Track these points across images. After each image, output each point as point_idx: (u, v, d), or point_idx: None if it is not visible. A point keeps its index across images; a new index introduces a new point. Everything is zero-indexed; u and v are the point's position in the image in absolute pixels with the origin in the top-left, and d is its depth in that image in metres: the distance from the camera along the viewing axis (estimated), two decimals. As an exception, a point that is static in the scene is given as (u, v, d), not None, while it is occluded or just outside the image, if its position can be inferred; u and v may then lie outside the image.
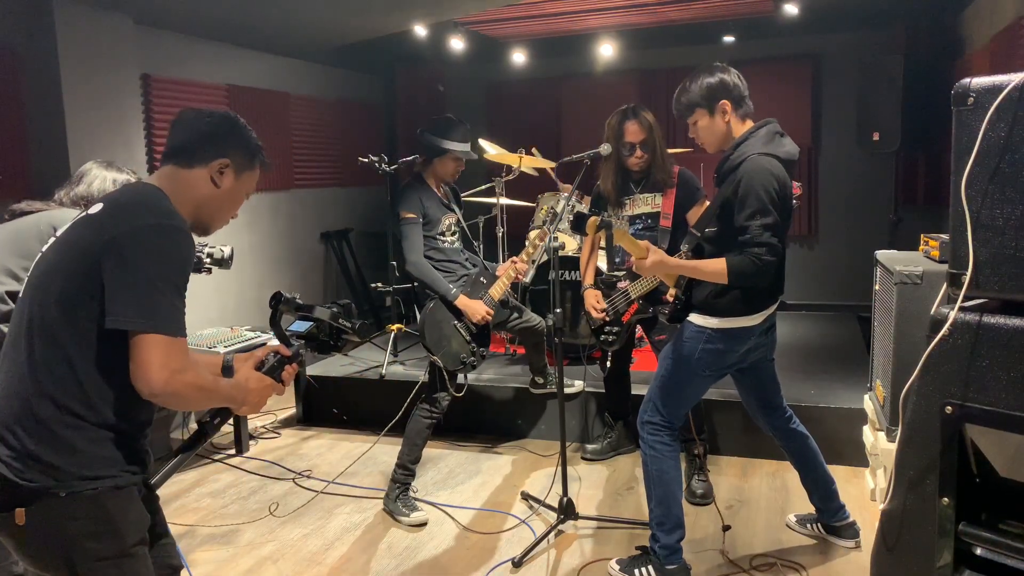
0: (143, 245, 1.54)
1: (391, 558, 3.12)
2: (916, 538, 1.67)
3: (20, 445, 1.55)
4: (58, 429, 1.56)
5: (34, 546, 1.59)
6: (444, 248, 3.54)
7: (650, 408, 2.77)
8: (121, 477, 1.63)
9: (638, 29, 6.08)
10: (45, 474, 1.54)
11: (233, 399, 1.68)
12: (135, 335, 1.51)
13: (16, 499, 1.54)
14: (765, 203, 2.45)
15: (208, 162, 1.74)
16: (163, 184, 1.71)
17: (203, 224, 1.80)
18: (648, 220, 3.49)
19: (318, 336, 1.87)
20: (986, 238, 1.53)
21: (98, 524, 1.59)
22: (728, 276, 2.49)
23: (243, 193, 1.83)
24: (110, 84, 3.99)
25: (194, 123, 1.78)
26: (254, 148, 1.82)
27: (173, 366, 1.50)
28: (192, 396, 1.56)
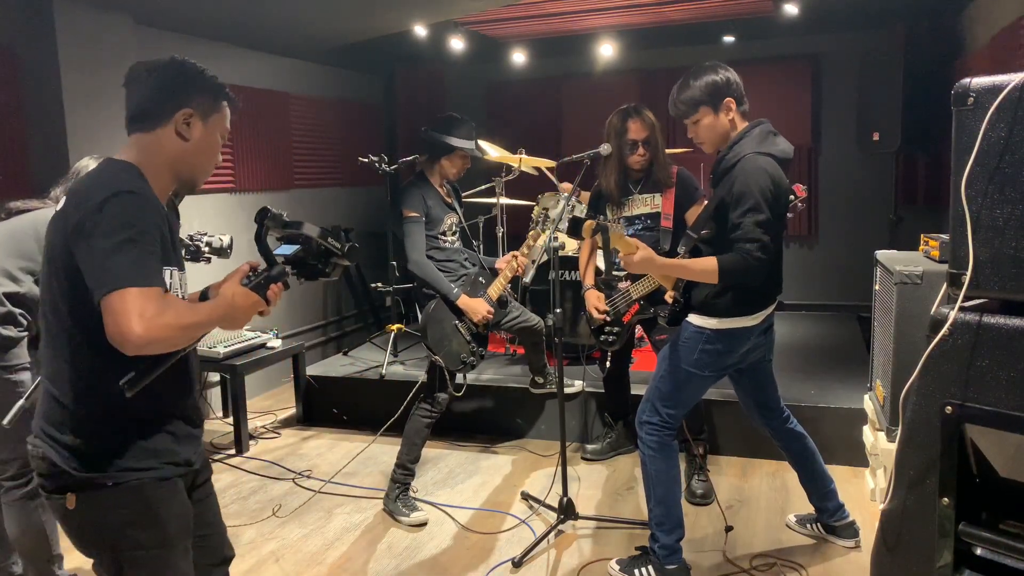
0: (96, 221, 1.48)
1: (391, 558, 3.12)
2: (916, 538, 1.67)
3: (69, 439, 1.59)
4: (99, 424, 1.59)
5: (81, 529, 1.64)
6: (445, 248, 3.54)
7: (649, 408, 2.77)
8: (164, 469, 1.65)
9: (638, 29, 6.07)
10: (92, 465, 1.58)
11: (220, 319, 1.58)
12: (102, 301, 1.45)
13: (67, 485, 1.59)
14: (759, 201, 2.44)
15: (169, 117, 1.65)
16: (131, 156, 1.65)
17: (187, 181, 1.72)
18: (648, 220, 3.50)
19: (306, 260, 1.75)
20: (986, 238, 1.53)
21: (140, 514, 1.61)
22: (719, 275, 2.48)
23: (217, 137, 1.73)
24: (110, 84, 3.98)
25: (142, 80, 1.68)
26: (214, 88, 1.72)
27: (147, 314, 1.43)
28: (176, 336, 1.48)
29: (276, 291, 1.66)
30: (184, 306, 1.54)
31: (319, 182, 6.06)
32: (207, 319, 1.55)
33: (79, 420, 1.59)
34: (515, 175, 5.05)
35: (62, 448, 1.59)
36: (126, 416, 1.60)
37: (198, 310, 1.55)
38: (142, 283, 1.45)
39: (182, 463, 1.70)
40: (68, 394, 1.60)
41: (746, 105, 2.65)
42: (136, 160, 1.64)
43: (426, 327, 3.41)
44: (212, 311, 1.57)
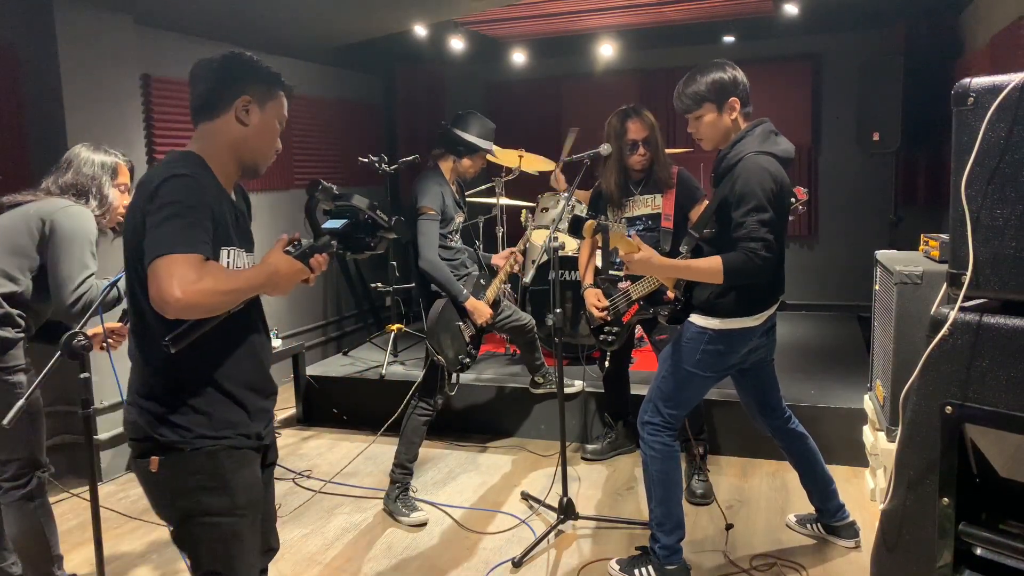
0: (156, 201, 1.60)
1: (391, 558, 3.12)
2: (916, 538, 1.67)
3: (152, 406, 1.72)
4: (178, 394, 1.72)
5: (160, 493, 1.76)
6: (451, 247, 3.52)
7: (650, 409, 2.77)
8: (237, 439, 1.76)
9: (638, 29, 6.07)
10: (174, 431, 1.71)
11: (261, 285, 1.65)
12: (149, 268, 1.54)
13: (152, 449, 1.72)
14: (762, 200, 2.43)
15: (229, 104, 1.76)
16: (195, 146, 1.76)
17: (249, 166, 1.82)
18: (649, 221, 3.49)
19: (353, 234, 1.81)
20: (986, 238, 1.52)
21: (212, 479, 1.72)
22: (724, 274, 2.46)
23: (275, 123, 1.83)
24: (110, 84, 3.99)
25: (203, 74, 1.78)
26: (269, 76, 1.82)
27: (187, 278, 1.50)
28: (214, 302, 1.55)
29: (320, 261, 1.73)
30: (224, 272, 1.61)
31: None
32: (247, 285, 1.62)
33: (160, 390, 1.72)
34: (515, 175, 5.05)
35: (148, 414, 1.72)
36: (202, 387, 1.73)
37: (238, 276, 1.62)
38: (183, 250, 1.54)
39: (253, 436, 1.81)
40: (148, 368, 1.74)
41: (750, 108, 2.64)
42: (199, 149, 1.75)
43: (436, 329, 3.37)
44: (253, 277, 1.64)
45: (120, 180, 2.71)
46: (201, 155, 1.73)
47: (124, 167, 2.73)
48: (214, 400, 1.74)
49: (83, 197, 2.62)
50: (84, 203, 2.61)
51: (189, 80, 1.81)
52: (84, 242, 2.52)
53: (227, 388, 1.76)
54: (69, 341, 2.18)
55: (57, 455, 3.72)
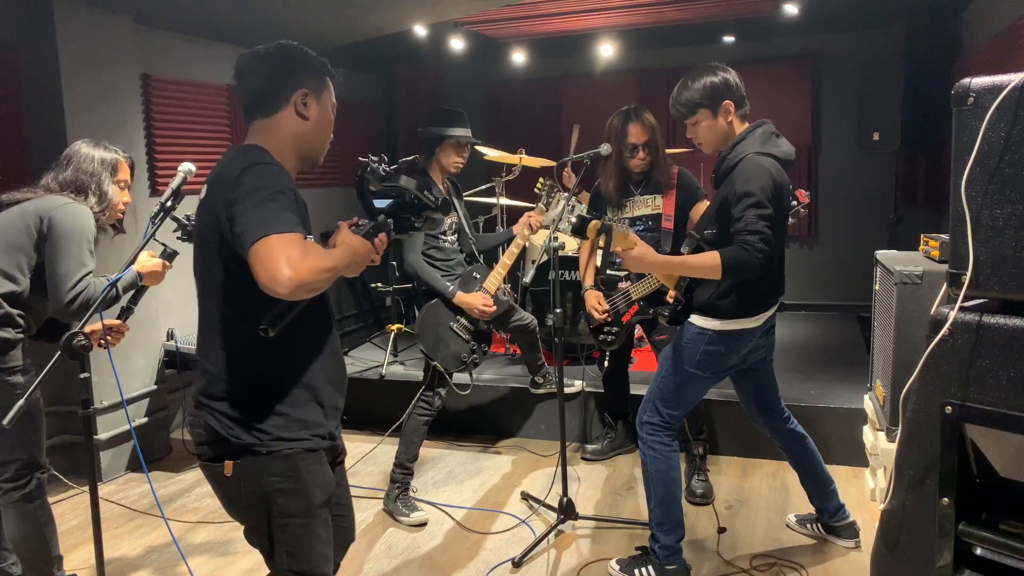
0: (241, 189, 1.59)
1: (391, 558, 3.12)
2: (916, 538, 1.67)
3: (227, 409, 1.71)
4: (254, 396, 1.71)
5: (236, 496, 1.75)
6: (445, 247, 3.53)
7: (649, 408, 2.77)
8: (313, 440, 1.76)
9: (638, 29, 6.07)
10: (250, 433, 1.70)
11: (347, 265, 1.66)
12: (250, 251, 1.52)
13: (226, 452, 1.71)
14: (760, 197, 2.42)
15: (288, 99, 1.75)
16: (258, 139, 1.75)
17: (310, 158, 1.83)
18: (649, 222, 3.49)
19: (399, 213, 1.82)
20: (986, 238, 1.52)
21: (290, 482, 1.72)
22: (722, 268, 2.43)
23: (330, 112, 1.84)
24: (110, 84, 3.99)
25: (257, 69, 1.77)
26: (319, 65, 1.81)
27: (294, 257, 1.49)
28: (319, 280, 1.54)
29: (383, 239, 1.75)
30: (322, 251, 1.62)
31: (319, 182, 6.05)
32: (339, 263, 1.62)
33: (236, 392, 1.71)
34: (515, 175, 5.05)
35: (222, 416, 1.70)
36: (283, 386, 1.73)
37: (331, 255, 1.62)
38: (284, 230, 1.52)
39: (327, 436, 1.81)
40: (224, 369, 1.71)
41: (746, 108, 2.64)
42: (263, 143, 1.74)
43: (421, 334, 3.42)
44: (341, 257, 1.64)
45: (120, 177, 2.71)
46: (268, 149, 1.73)
47: (124, 164, 2.73)
48: (295, 399, 1.74)
49: (82, 194, 2.61)
50: (83, 200, 2.60)
51: (236, 75, 1.78)
52: (82, 240, 2.51)
53: (309, 384, 1.76)
54: (69, 341, 2.18)
55: (57, 455, 3.74)
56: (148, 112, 4.36)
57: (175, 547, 3.12)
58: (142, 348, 4.21)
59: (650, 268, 2.69)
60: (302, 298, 1.55)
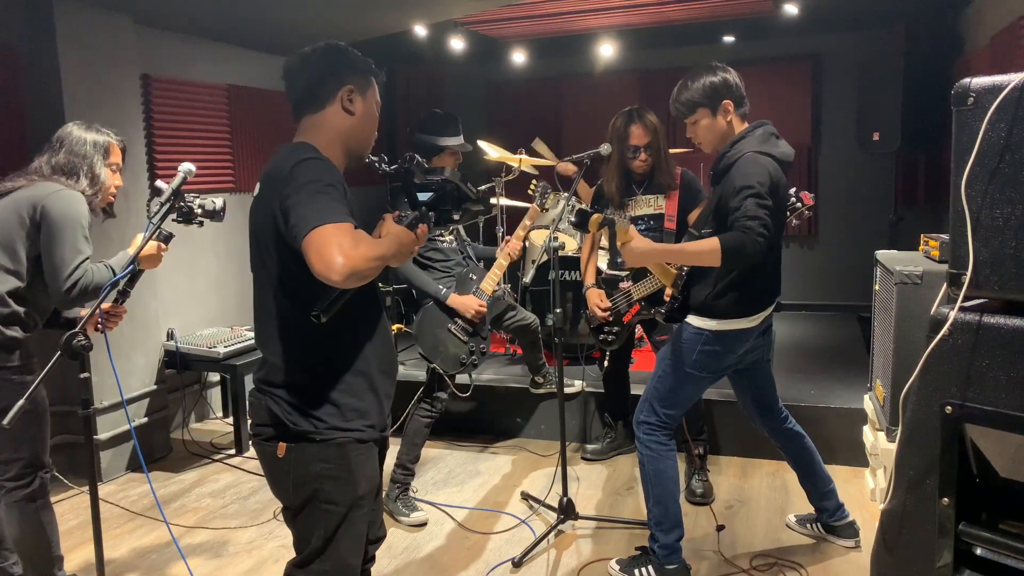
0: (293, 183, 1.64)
1: (391, 558, 3.12)
2: (916, 538, 1.67)
3: (288, 395, 1.77)
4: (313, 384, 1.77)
5: (284, 477, 1.79)
6: (443, 248, 3.54)
7: (646, 408, 2.77)
8: (366, 432, 1.81)
9: (638, 29, 6.07)
10: (308, 420, 1.76)
11: (395, 254, 1.69)
12: (303, 241, 1.56)
13: (283, 436, 1.77)
14: (758, 188, 2.42)
15: (334, 95, 1.81)
16: (306, 136, 1.81)
17: (356, 153, 1.90)
18: (651, 222, 3.49)
19: (438, 206, 1.85)
20: (986, 238, 1.52)
21: (340, 470, 1.78)
22: (721, 253, 2.39)
23: (375, 109, 1.91)
24: (110, 84, 3.98)
25: (304, 67, 1.83)
26: (365, 64, 1.88)
27: (346, 245, 1.53)
28: (370, 267, 1.58)
29: (424, 230, 1.78)
30: (371, 240, 1.65)
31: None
32: (387, 252, 1.65)
33: (294, 381, 1.77)
34: (515, 175, 5.04)
35: (283, 402, 1.77)
36: (340, 374, 1.78)
37: (380, 244, 1.65)
38: (335, 220, 1.57)
39: (379, 428, 1.85)
40: (282, 359, 1.78)
41: (746, 107, 2.65)
42: (309, 139, 1.80)
43: (418, 336, 3.43)
44: (389, 246, 1.67)
45: (112, 159, 2.68)
46: (317, 145, 1.77)
47: (116, 146, 2.71)
48: (351, 387, 1.79)
49: (74, 177, 2.59)
50: (75, 183, 2.58)
51: (286, 75, 1.85)
52: (76, 226, 2.49)
53: (364, 371, 1.81)
54: (69, 341, 2.17)
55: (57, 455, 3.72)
56: (148, 112, 4.36)
57: (175, 547, 3.12)
58: (142, 348, 4.21)
59: (649, 259, 2.65)
60: (353, 285, 1.59)
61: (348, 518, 1.80)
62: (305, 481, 1.78)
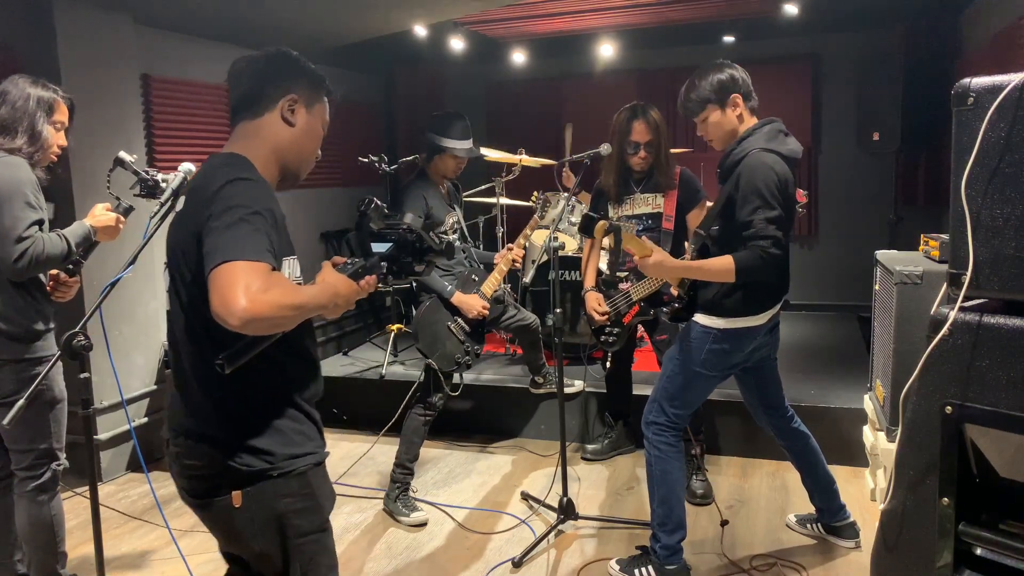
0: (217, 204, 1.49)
1: (391, 558, 3.12)
2: (916, 538, 1.67)
3: (231, 436, 1.60)
4: (256, 416, 1.61)
5: (247, 525, 1.63)
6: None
7: (655, 409, 2.77)
8: (318, 453, 1.70)
9: (638, 29, 6.07)
10: (259, 457, 1.60)
11: (323, 305, 1.57)
12: (210, 275, 1.42)
13: (234, 482, 1.60)
14: (767, 197, 2.44)
15: (275, 103, 1.68)
16: (238, 147, 1.66)
17: (292, 171, 1.74)
18: (649, 220, 3.49)
19: (399, 258, 1.74)
20: (986, 238, 1.52)
21: (305, 500, 1.65)
22: (736, 272, 2.47)
23: (320, 127, 1.76)
24: (110, 84, 3.98)
25: (249, 69, 1.71)
26: (317, 78, 1.75)
27: (253, 287, 1.38)
28: (279, 316, 1.42)
29: (370, 282, 1.68)
30: (290, 286, 1.50)
31: (319, 182, 6.06)
32: (310, 302, 1.52)
33: (236, 416, 1.61)
34: (515, 175, 5.04)
35: (219, 445, 1.60)
36: (277, 404, 1.64)
37: (303, 292, 1.52)
38: (251, 257, 1.43)
39: (324, 447, 1.74)
40: (219, 392, 1.61)
41: (754, 101, 2.67)
42: (242, 150, 1.65)
43: (418, 331, 3.42)
44: (317, 295, 1.55)
45: (57, 117, 2.60)
46: (245, 156, 1.63)
47: (62, 104, 2.62)
48: (290, 413, 1.66)
49: (10, 134, 2.50)
50: (10, 140, 2.49)
51: (230, 78, 1.72)
52: (16, 194, 2.41)
53: (298, 402, 1.68)
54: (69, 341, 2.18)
55: (57, 455, 3.74)
56: (148, 112, 4.36)
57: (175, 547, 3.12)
58: (142, 348, 4.21)
59: (668, 274, 2.71)
60: (260, 334, 1.46)
61: (321, 544, 1.71)
62: (270, 522, 1.63)
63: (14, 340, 2.50)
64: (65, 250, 2.49)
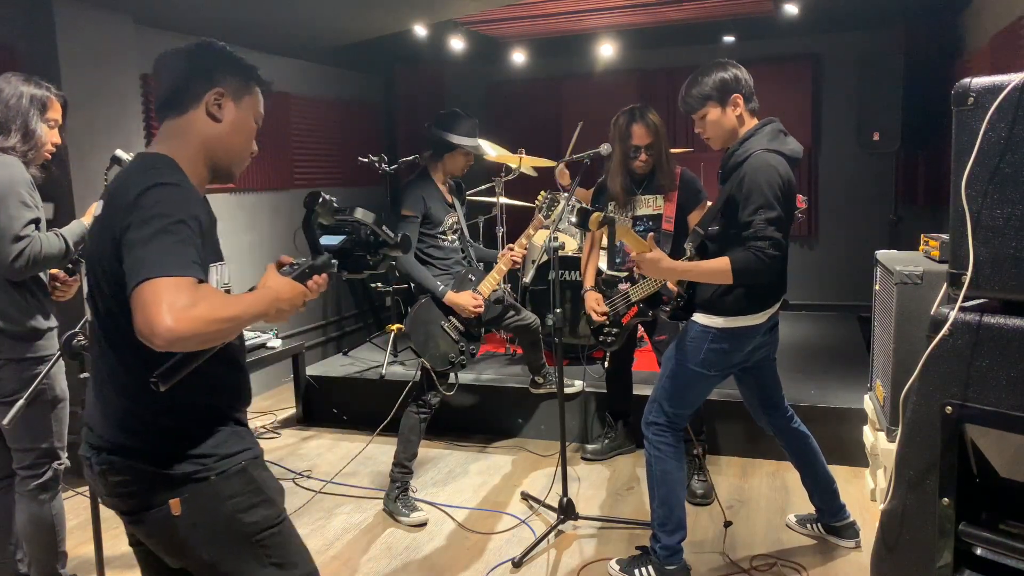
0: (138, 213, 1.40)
1: (391, 558, 3.12)
2: (916, 538, 1.67)
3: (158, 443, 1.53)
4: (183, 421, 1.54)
5: (192, 534, 1.54)
6: (444, 247, 3.54)
7: (655, 409, 2.77)
8: (254, 448, 1.63)
9: (638, 29, 6.07)
10: (193, 461, 1.52)
11: (262, 313, 1.47)
12: (132, 293, 1.34)
13: (169, 490, 1.51)
14: (769, 198, 2.43)
15: (200, 98, 1.57)
16: (163, 147, 1.56)
17: (222, 169, 1.64)
18: (649, 222, 3.49)
19: (352, 252, 1.64)
20: (986, 238, 1.52)
21: (252, 495, 1.57)
22: (732, 274, 2.47)
23: (251, 121, 1.67)
24: (110, 84, 3.98)
25: (172, 63, 1.60)
26: (245, 68, 1.64)
27: (178, 304, 1.30)
28: (210, 331, 1.34)
29: (319, 282, 1.59)
30: (221, 299, 1.40)
31: (319, 182, 6.06)
32: (247, 312, 1.43)
33: (166, 429, 1.53)
34: (515, 175, 5.05)
35: (151, 455, 1.52)
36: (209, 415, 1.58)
37: (237, 302, 1.43)
38: (174, 272, 1.34)
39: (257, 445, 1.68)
40: (146, 405, 1.52)
41: (755, 103, 2.66)
42: (168, 150, 1.56)
43: (410, 330, 3.44)
44: (254, 303, 1.46)
45: (50, 115, 2.59)
46: (170, 156, 1.53)
47: (56, 101, 2.61)
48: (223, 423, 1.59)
49: (4, 132, 2.49)
50: (4, 138, 2.48)
51: (154, 73, 1.63)
52: (11, 194, 2.41)
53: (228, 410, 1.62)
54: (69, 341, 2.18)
55: (57, 455, 3.73)
56: (148, 112, 4.36)
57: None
58: (142, 348, 4.20)
59: (664, 273, 2.69)
60: (190, 350, 1.38)
61: (285, 533, 1.63)
62: (219, 529, 1.54)
63: (16, 339, 2.51)
64: (63, 249, 2.49)
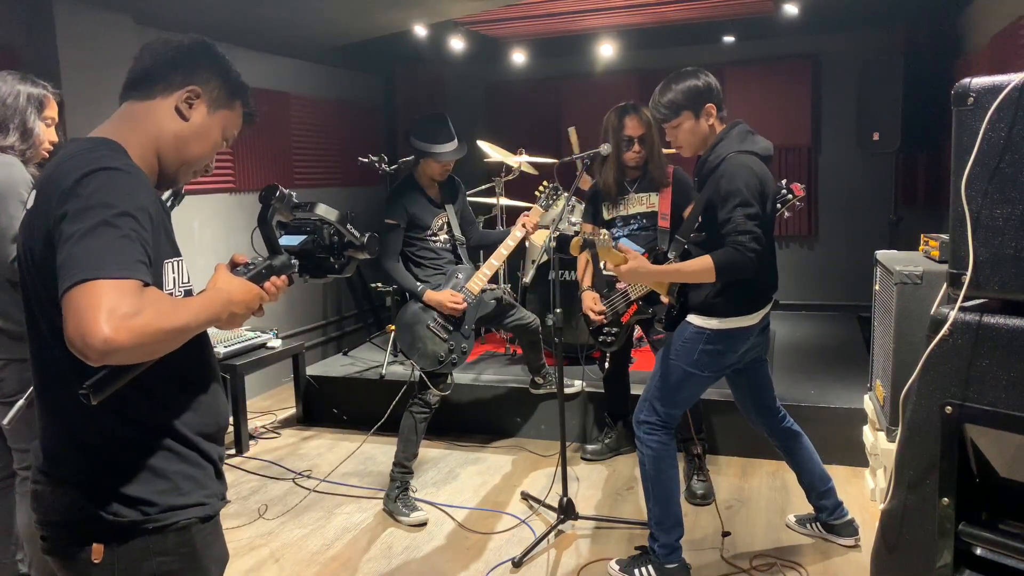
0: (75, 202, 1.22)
1: (390, 558, 3.12)
2: (916, 538, 1.67)
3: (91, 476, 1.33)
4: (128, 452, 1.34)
5: None
6: (435, 248, 3.57)
7: (646, 408, 2.77)
8: (210, 504, 1.42)
9: (638, 29, 6.07)
10: (132, 507, 1.33)
11: (213, 318, 1.30)
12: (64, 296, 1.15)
13: (96, 534, 1.32)
14: (747, 196, 2.46)
15: (173, 90, 1.43)
16: (111, 129, 1.40)
17: (168, 173, 1.44)
18: (644, 220, 3.50)
19: (314, 253, 1.49)
20: (986, 238, 1.52)
21: (183, 561, 1.38)
22: (715, 271, 2.48)
23: (218, 133, 1.48)
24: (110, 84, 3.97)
25: (160, 48, 1.46)
26: (235, 82, 1.49)
27: (119, 311, 1.12)
28: (155, 342, 1.17)
29: (278, 284, 1.43)
30: (168, 305, 1.22)
31: (319, 182, 6.06)
32: (196, 319, 1.26)
33: (102, 455, 1.33)
34: (515, 175, 5.04)
35: (89, 492, 1.32)
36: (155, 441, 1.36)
37: (185, 308, 1.26)
38: (116, 274, 1.16)
39: (221, 496, 1.46)
40: (79, 425, 1.33)
41: (725, 111, 2.68)
42: (116, 134, 1.37)
43: (397, 332, 3.46)
44: (203, 308, 1.28)
45: (47, 114, 2.58)
46: (116, 141, 1.35)
47: (52, 99, 2.61)
48: (178, 454, 1.38)
49: (2, 131, 2.48)
50: (3, 137, 2.47)
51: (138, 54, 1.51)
52: (10, 193, 2.39)
53: (186, 436, 1.39)
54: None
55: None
56: (148, 112, 4.36)
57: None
58: (142, 348, 4.20)
59: (645, 279, 2.71)
60: (131, 363, 1.19)
61: None
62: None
63: (17, 339, 2.50)
64: None
